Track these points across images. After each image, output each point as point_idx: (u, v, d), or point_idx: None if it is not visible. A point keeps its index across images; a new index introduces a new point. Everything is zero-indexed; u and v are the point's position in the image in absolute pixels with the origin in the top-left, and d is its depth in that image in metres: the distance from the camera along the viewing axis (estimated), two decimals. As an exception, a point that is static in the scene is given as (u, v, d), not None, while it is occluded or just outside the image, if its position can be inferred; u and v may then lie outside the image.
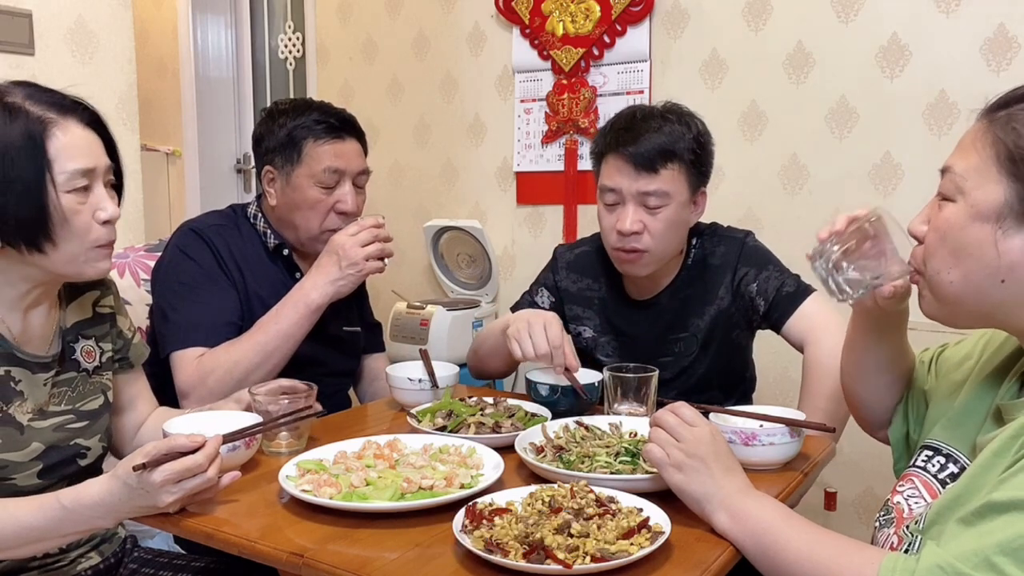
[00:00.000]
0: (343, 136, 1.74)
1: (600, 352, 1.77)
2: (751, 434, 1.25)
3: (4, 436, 1.19)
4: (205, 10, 3.93)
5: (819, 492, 2.21)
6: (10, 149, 1.12)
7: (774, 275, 1.66)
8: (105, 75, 2.49)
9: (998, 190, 0.86)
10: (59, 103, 1.18)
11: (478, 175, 3.05)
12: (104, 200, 1.20)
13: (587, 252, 1.82)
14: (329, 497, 1.08)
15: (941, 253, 0.92)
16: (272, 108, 1.79)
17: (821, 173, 2.42)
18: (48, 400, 1.26)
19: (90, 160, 1.19)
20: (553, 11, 2.77)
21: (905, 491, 0.99)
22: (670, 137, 1.57)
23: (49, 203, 1.14)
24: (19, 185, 1.12)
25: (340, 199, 1.72)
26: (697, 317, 1.70)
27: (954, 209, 0.90)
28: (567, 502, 1.00)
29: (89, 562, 1.35)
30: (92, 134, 1.21)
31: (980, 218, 0.87)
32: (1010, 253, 0.86)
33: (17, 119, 1.13)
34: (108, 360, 1.38)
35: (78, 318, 1.34)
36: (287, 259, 1.78)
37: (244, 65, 3.98)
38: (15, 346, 1.22)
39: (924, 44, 2.25)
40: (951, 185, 0.91)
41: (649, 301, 1.73)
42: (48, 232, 1.15)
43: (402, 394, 1.59)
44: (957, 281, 0.90)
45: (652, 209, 1.58)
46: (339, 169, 1.71)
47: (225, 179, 4.05)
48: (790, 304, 1.62)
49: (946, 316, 0.96)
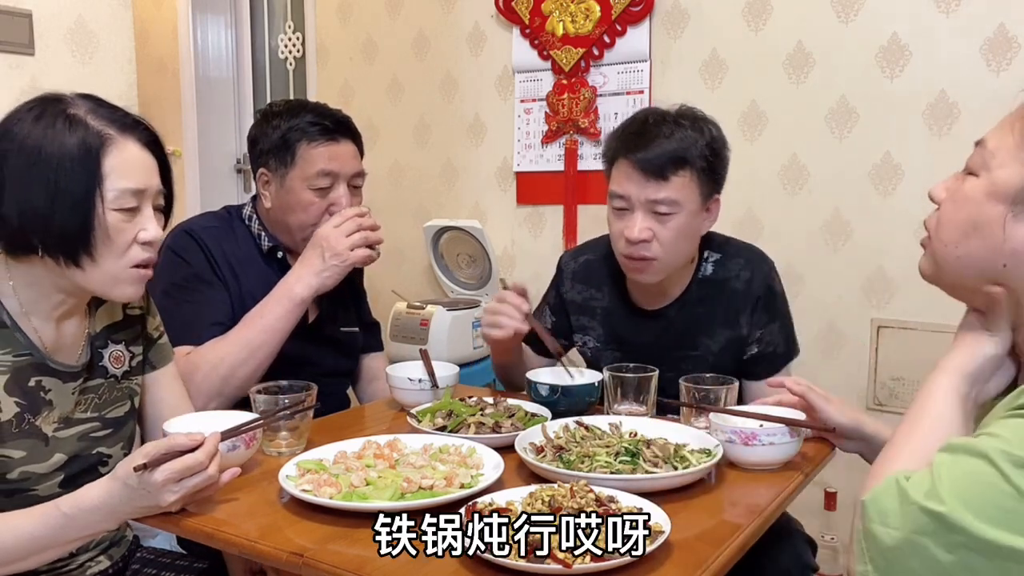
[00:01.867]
0: (337, 138, 1.72)
1: (604, 362, 1.74)
2: (751, 434, 1.25)
3: (29, 448, 1.18)
4: (205, 10, 3.92)
5: (819, 492, 2.21)
6: (65, 160, 1.12)
7: (777, 330, 1.65)
8: (105, 75, 2.49)
9: (1018, 172, 0.87)
10: (120, 120, 1.18)
11: (478, 175, 3.05)
12: (149, 221, 1.19)
13: (591, 260, 1.78)
14: (329, 497, 1.08)
15: (952, 225, 0.93)
16: (267, 110, 1.78)
17: (821, 173, 2.42)
18: (74, 408, 1.25)
19: (142, 181, 1.18)
20: (553, 11, 2.76)
21: None
22: (681, 144, 1.52)
23: (95, 218, 1.13)
24: (69, 196, 1.12)
25: (334, 202, 1.71)
26: (707, 337, 1.66)
27: (975, 183, 0.91)
28: (567, 502, 1.00)
29: (99, 566, 1.33)
30: (149, 155, 1.21)
31: (996, 197, 0.88)
32: (1015, 238, 0.87)
33: (76, 131, 1.13)
34: (138, 364, 1.37)
35: (107, 322, 1.33)
36: (281, 261, 1.77)
37: (244, 65, 3.98)
38: (47, 355, 1.21)
39: (924, 44, 2.25)
40: (979, 159, 0.92)
41: (656, 312, 1.69)
42: (89, 247, 1.14)
43: (402, 394, 1.59)
44: (962, 256, 0.92)
45: (661, 217, 1.53)
46: (333, 171, 1.71)
47: (225, 179, 4.05)
48: (773, 367, 1.65)
49: (941, 282, 0.98)
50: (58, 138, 1.12)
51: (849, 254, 2.39)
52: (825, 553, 2.09)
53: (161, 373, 1.41)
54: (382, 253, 1.74)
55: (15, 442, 1.17)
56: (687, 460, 1.21)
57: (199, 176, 3.96)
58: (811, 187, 2.44)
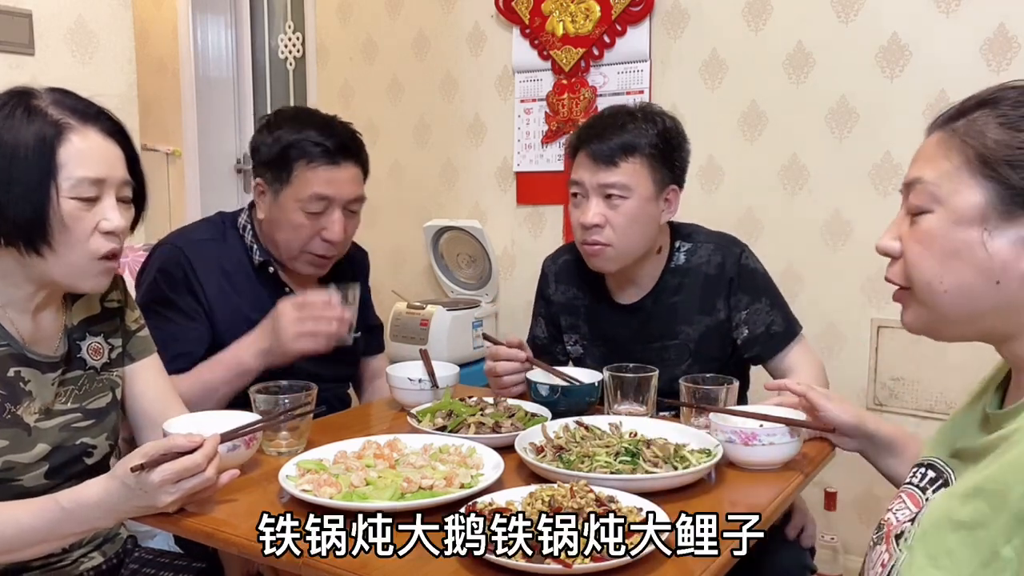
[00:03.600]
0: (339, 161, 1.64)
1: (590, 359, 1.76)
2: (751, 434, 1.25)
3: (11, 438, 1.18)
4: (205, 10, 3.92)
5: (819, 492, 2.20)
6: (20, 148, 1.12)
7: (765, 309, 1.65)
8: (105, 75, 2.49)
9: (977, 193, 0.87)
10: (82, 110, 1.18)
11: (478, 175, 3.05)
12: (111, 211, 1.18)
13: (570, 260, 1.82)
14: (329, 497, 1.08)
15: (928, 264, 0.91)
16: (271, 118, 1.71)
17: (821, 173, 2.42)
18: (54, 399, 1.26)
19: (102, 170, 1.17)
20: (553, 11, 2.76)
21: (895, 507, 1.01)
22: (632, 134, 1.60)
23: (49, 207, 1.13)
24: (20, 185, 1.12)
25: (327, 227, 1.65)
26: (687, 325, 1.68)
27: (934, 219, 0.90)
28: (567, 502, 1.00)
29: (91, 562, 1.35)
30: (113, 145, 1.20)
31: (964, 223, 0.88)
32: (1000, 252, 0.86)
33: (35, 121, 1.14)
34: (118, 356, 1.37)
35: (85, 315, 1.33)
36: (272, 276, 1.74)
37: (244, 65, 3.97)
38: (25, 346, 1.22)
39: (924, 44, 2.25)
40: (924, 196, 0.91)
41: (633, 306, 1.72)
42: (45, 236, 1.14)
43: (402, 394, 1.59)
44: (952, 289, 0.89)
45: (613, 202, 1.60)
46: (328, 196, 1.64)
47: (225, 179, 4.05)
48: (777, 345, 1.65)
49: (934, 327, 0.95)
50: (15, 128, 1.13)
51: (849, 254, 2.39)
52: (825, 553, 2.09)
53: (141, 366, 1.41)
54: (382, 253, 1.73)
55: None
56: (687, 460, 1.21)
57: (199, 176, 3.96)
58: (811, 187, 2.44)
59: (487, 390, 1.69)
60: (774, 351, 1.65)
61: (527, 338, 1.87)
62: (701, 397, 1.43)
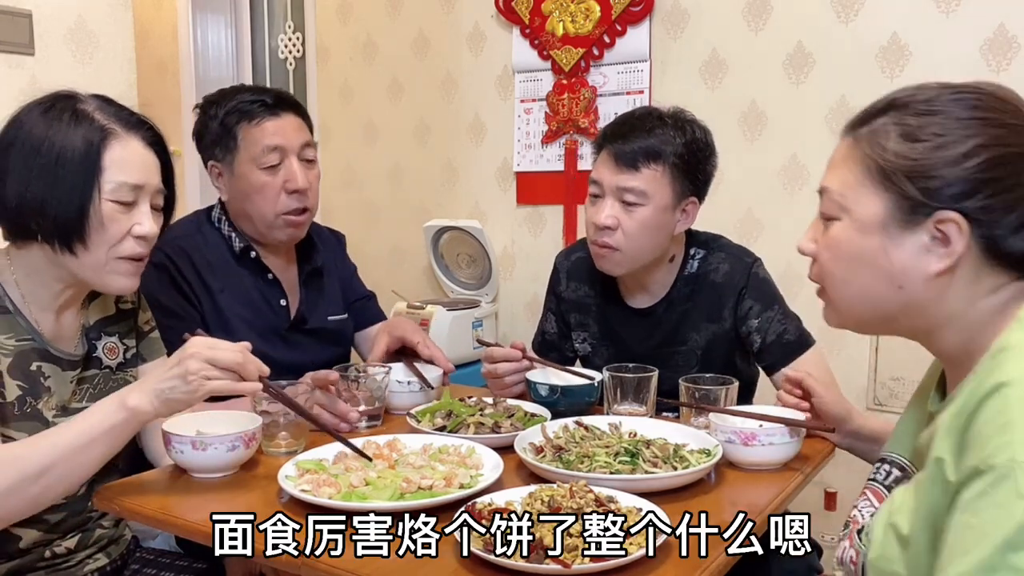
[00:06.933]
0: (278, 112, 1.67)
1: (598, 358, 1.75)
2: (751, 434, 1.25)
3: (31, 431, 1.20)
4: (205, 10, 3.92)
5: (819, 492, 2.21)
6: (67, 150, 1.18)
7: (778, 317, 1.63)
8: (105, 75, 2.49)
9: (877, 203, 0.90)
10: (126, 118, 1.25)
11: (478, 175, 3.05)
12: (145, 216, 1.24)
13: (583, 257, 1.79)
14: (329, 497, 1.08)
15: (837, 269, 0.97)
16: (203, 102, 1.74)
17: (821, 173, 2.40)
18: (71, 397, 1.29)
19: (142, 177, 1.24)
20: (553, 11, 2.76)
21: (860, 503, 1.02)
22: (659, 139, 1.57)
23: (91, 206, 1.19)
24: (66, 186, 1.18)
25: (288, 178, 1.66)
26: (695, 332, 1.68)
27: (840, 227, 0.95)
28: (566, 502, 1.00)
29: (96, 563, 1.35)
30: (151, 154, 1.27)
31: (867, 231, 0.91)
32: (901, 259, 0.89)
33: (81, 125, 1.20)
34: (132, 357, 1.40)
35: (100, 315, 1.37)
36: (255, 261, 1.74)
37: (244, 65, 3.97)
38: (48, 342, 1.26)
39: (924, 44, 2.24)
40: (832, 204, 0.96)
41: (646, 311, 1.71)
42: (82, 234, 1.19)
43: (394, 397, 1.58)
44: (857, 293, 0.95)
45: (629, 207, 1.57)
46: (279, 146, 1.66)
47: (225, 179, 4.05)
48: (789, 353, 1.61)
49: (852, 325, 1.01)
50: (64, 130, 1.19)
51: (849, 254, 2.38)
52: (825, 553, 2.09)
53: (152, 367, 1.42)
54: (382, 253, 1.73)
55: (18, 423, 1.21)
56: (687, 460, 1.21)
57: (199, 176, 3.96)
58: (811, 187, 2.43)
59: (487, 390, 1.69)
60: (787, 359, 1.61)
61: (535, 333, 1.88)
62: (701, 397, 1.42)
